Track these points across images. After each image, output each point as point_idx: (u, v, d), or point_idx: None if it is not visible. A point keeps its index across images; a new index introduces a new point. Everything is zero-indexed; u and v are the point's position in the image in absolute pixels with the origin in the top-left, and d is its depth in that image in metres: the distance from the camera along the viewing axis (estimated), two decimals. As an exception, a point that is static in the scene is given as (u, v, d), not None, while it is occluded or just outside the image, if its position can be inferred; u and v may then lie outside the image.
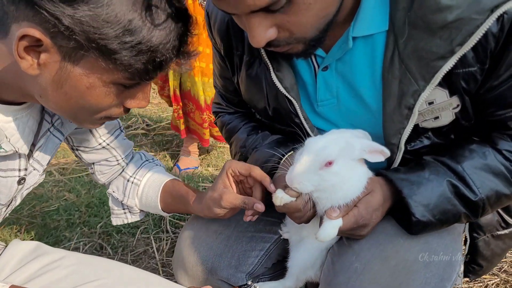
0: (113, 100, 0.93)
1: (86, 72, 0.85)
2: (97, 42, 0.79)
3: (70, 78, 0.86)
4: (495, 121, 1.06)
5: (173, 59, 0.89)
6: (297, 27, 0.93)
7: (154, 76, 0.90)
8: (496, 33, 0.92)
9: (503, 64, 0.96)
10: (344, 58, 1.09)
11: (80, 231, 2.37)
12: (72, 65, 0.84)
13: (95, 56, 0.82)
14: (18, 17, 0.80)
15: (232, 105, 1.44)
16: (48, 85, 0.87)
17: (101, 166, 1.36)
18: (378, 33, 1.03)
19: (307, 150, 1.01)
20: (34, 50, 0.82)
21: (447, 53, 0.95)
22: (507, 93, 1.00)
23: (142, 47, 0.82)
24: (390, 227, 1.12)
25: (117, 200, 1.42)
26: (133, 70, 0.85)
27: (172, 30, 0.86)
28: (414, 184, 1.06)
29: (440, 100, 1.03)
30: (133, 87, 0.92)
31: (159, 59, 0.86)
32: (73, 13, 0.76)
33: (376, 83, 1.07)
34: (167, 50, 0.86)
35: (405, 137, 1.07)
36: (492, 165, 1.06)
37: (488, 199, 1.06)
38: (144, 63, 0.85)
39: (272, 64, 1.13)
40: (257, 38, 0.93)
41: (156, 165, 1.44)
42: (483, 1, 0.90)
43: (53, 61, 0.83)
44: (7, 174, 1.02)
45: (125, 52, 0.81)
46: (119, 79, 0.87)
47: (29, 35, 0.78)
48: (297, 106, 1.16)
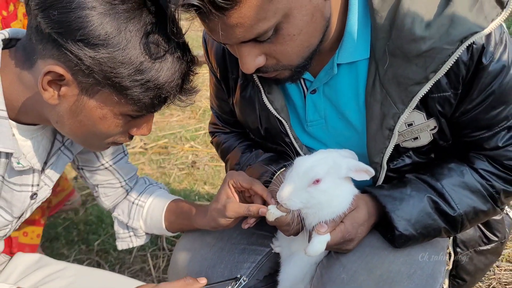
0: (121, 128, 1.05)
1: (100, 104, 0.98)
2: (112, 80, 0.92)
3: (85, 109, 0.98)
4: (471, 142, 1.14)
5: (176, 95, 1.02)
6: (283, 56, 1.02)
7: (158, 109, 1.03)
8: (467, 62, 1.01)
9: (475, 89, 1.05)
10: (330, 83, 1.17)
11: (78, 248, 2.41)
12: (88, 98, 0.96)
13: (109, 91, 0.95)
14: (45, 55, 0.93)
15: (228, 125, 1.52)
16: (65, 113, 0.99)
17: (105, 189, 1.44)
18: (361, 60, 1.11)
19: (296, 169, 1.08)
20: (56, 83, 0.94)
21: (422, 79, 1.03)
22: (480, 116, 1.09)
23: (150, 85, 0.95)
24: (375, 240, 1.18)
25: (122, 223, 1.49)
26: (141, 104, 0.98)
27: (177, 70, 0.98)
28: (397, 200, 1.13)
29: (418, 122, 1.11)
30: (139, 118, 1.05)
31: (164, 95, 0.98)
32: (94, 55, 0.89)
33: (360, 106, 1.15)
34: (171, 88, 0.98)
35: (387, 156, 1.15)
36: (469, 183, 1.14)
37: (466, 214, 1.14)
38: (151, 98, 0.97)
39: (263, 87, 1.22)
40: (247, 65, 1.02)
41: (160, 188, 1.52)
42: (453, 33, 0.99)
43: (72, 94, 0.96)
44: (22, 188, 1.12)
45: (135, 88, 0.94)
46: (128, 111, 1.00)
47: (53, 71, 0.91)
48: (287, 126, 1.24)
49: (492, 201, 1.16)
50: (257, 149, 1.41)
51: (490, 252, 1.37)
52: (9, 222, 1.16)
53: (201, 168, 3.27)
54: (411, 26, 1.00)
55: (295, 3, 0.94)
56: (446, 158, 1.19)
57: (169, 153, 3.50)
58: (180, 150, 3.53)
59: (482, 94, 1.05)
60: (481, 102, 1.07)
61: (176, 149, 3.55)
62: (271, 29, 0.95)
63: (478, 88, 1.05)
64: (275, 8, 0.91)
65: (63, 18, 0.88)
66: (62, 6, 0.88)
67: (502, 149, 1.12)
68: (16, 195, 1.12)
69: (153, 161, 3.39)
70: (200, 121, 3.98)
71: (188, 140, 3.67)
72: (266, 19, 0.92)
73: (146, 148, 3.56)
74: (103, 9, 0.89)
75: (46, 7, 0.89)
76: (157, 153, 3.50)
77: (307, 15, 0.97)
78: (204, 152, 3.48)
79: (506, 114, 1.09)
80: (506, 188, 1.15)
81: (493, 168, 1.15)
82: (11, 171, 1.06)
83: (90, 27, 0.88)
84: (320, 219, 1.09)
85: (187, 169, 3.27)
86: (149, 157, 3.43)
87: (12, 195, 1.11)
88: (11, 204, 1.13)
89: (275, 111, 1.23)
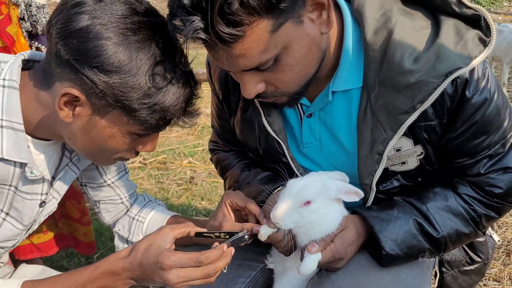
0: (128, 146, 1.14)
1: (110, 124, 1.07)
2: (123, 103, 1.02)
3: (97, 127, 1.07)
4: (455, 168, 1.22)
5: (180, 117, 1.11)
6: (281, 83, 1.11)
7: (163, 129, 1.12)
8: (451, 94, 1.09)
9: (459, 119, 1.12)
10: (325, 108, 1.25)
11: (77, 261, 2.46)
12: (100, 117, 1.06)
13: (119, 112, 1.04)
14: (62, 78, 1.03)
15: (228, 143, 1.59)
16: (78, 130, 1.08)
17: (106, 204, 1.51)
18: (354, 89, 1.19)
19: (289, 190, 1.15)
20: (71, 103, 1.03)
21: (409, 108, 1.11)
22: (464, 144, 1.16)
23: (157, 108, 1.05)
24: (364, 259, 1.24)
25: (122, 238, 1.55)
26: (147, 125, 1.07)
27: (181, 94, 1.08)
28: (384, 221, 1.20)
29: (406, 148, 1.18)
30: (145, 136, 1.14)
31: (169, 117, 1.08)
32: (107, 80, 0.99)
33: (352, 131, 1.23)
34: (176, 110, 1.08)
35: (376, 178, 1.22)
36: (453, 206, 1.21)
37: (449, 236, 1.21)
38: (157, 119, 1.07)
39: (263, 110, 1.30)
40: (248, 91, 1.10)
41: (158, 204, 1.59)
42: (439, 68, 1.07)
43: (85, 114, 1.05)
44: (32, 197, 1.21)
45: (143, 111, 1.04)
46: (135, 130, 1.09)
47: (70, 93, 1.01)
48: (285, 147, 1.32)
49: (474, 224, 1.22)
50: (255, 168, 1.48)
51: (474, 273, 1.43)
52: (20, 232, 1.23)
53: (199, 183, 3.32)
54: (401, 59, 1.08)
55: (294, 36, 1.02)
56: (432, 183, 1.26)
57: (167, 168, 3.56)
58: (178, 165, 3.60)
59: (466, 124, 1.13)
60: (464, 131, 1.14)
61: (174, 164, 3.61)
62: (271, 60, 1.04)
63: (461, 118, 1.12)
64: (276, 41, 1.00)
65: (81, 47, 0.98)
66: (80, 36, 0.98)
67: (484, 176, 1.19)
68: (27, 204, 1.20)
69: (152, 176, 3.45)
70: (198, 138, 4.05)
71: (187, 156, 3.73)
72: (267, 51, 1.01)
73: (145, 163, 3.62)
74: (117, 40, 0.99)
75: (66, 36, 0.99)
76: (156, 168, 3.56)
77: (305, 47, 1.05)
78: (202, 168, 3.54)
79: (488, 143, 1.16)
80: (487, 212, 1.22)
81: (475, 193, 1.21)
82: (24, 180, 1.15)
83: (105, 55, 0.98)
84: (311, 238, 1.15)
85: (185, 185, 3.32)
86: (148, 172, 3.48)
87: (23, 204, 1.19)
88: (22, 213, 1.20)
89: (274, 132, 1.30)
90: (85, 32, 0.98)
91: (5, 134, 1.05)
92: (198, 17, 0.93)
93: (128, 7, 1.03)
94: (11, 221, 1.20)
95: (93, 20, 0.99)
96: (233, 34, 0.95)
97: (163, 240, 1.08)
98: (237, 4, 0.91)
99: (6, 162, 1.08)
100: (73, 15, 0.99)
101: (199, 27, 0.94)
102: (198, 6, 0.93)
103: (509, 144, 1.18)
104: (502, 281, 2.21)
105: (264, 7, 0.93)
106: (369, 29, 1.12)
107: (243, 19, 0.93)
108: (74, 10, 1.00)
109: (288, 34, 1.01)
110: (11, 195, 1.15)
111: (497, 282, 2.21)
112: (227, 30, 0.94)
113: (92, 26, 0.98)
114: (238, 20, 0.93)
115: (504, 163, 1.19)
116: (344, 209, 1.22)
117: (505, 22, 8.06)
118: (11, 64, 1.08)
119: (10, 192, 1.14)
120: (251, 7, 0.92)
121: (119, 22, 1.00)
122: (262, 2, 0.93)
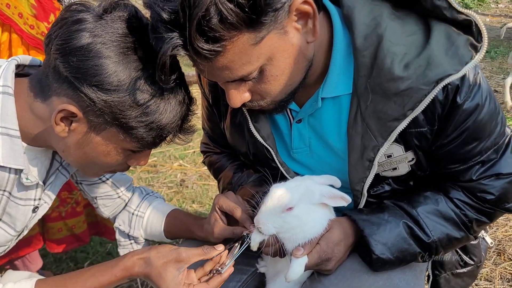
0: (122, 161, 1.14)
1: (106, 141, 1.07)
2: (120, 121, 1.02)
3: (92, 143, 1.07)
4: (447, 173, 1.21)
5: (176, 134, 1.12)
6: (267, 93, 1.10)
7: (158, 146, 1.13)
8: (442, 100, 1.08)
9: (450, 125, 1.11)
10: (315, 114, 1.25)
11: (66, 266, 2.43)
12: (95, 134, 1.06)
13: (116, 130, 1.04)
14: (60, 93, 1.02)
15: (219, 145, 1.59)
16: (72, 145, 1.08)
17: (104, 200, 1.52)
18: (344, 95, 1.18)
19: (271, 196, 1.15)
20: (68, 118, 1.03)
21: (400, 115, 1.10)
22: (456, 150, 1.16)
23: (154, 126, 1.05)
24: (356, 264, 1.24)
25: (123, 233, 1.58)
26: (143, 142, 1.08)
27: (178, 112, 1.08)
28: (374, 225, 1.19)
29: (397, 154, 1.18)
30: (139, 152, 1.15)
31: (165, 134, 1.09)
32: (106, 99, 0.99)
33: (342, 137, 1.22)
34: (172, 128, 1.09)
35: (367, 185, 1.21)
36: (443, 211, 1.21)
37: (440, 241, 1.21)
38: (153, 137, 1.07)
39: (250, 116, 1.28)
40: (233, 100, 1.10)
41: (156, 197, 1.61)
42: (429, 75, 1.05)
43: (81, 130, 1.05)
44: (26, 203, 1.20)
45: (140, 128, 1.04)
46: (131, 147, 1.10)
47: (67, 109, 1.01)
48: (273, 153, 1.31)
49: (465, 229, 1.22)
50: (248, 169, 1.47)
51: (466, 275, 1.43)
52: (12, 237, 1.22)
53: (189, 186, 3.31)
54: (391, 66, 1.06)
55: (278, 48, 1.00)
56: (423, 187, 1.25)
57: (158, 171, 3.53)
58: (169, 168, 3.57)
59: (457, 130, 1.12)
60: (456, 137, 1.13)
61: (165, 167, 3.59)
62: (256, 71, 1.02)
63: (453, 124, 1.11)
64: (258, 53, 0.98)
65: (81, 65, 0.97)
66: (81, 54, 0.97)
67: (476, 181, 1.19)
68: (21, 210, 1.19)
69: (142, 179, 3.42)
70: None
71: (177, 159, 3.71)
72: (250, 63, 1.00)
73: (135, 166, 3.59)
74: (118, 59, 0.99)
75: (66, 53, 0.98)
76: (146, 171, 3.53)
77: (290, 57, 1.04)
78: (193, 171, 3.52)
79: (480, 150, 1.15)
80: (478, 217, 1.22)
81: (467, 198, 1.21)
82: (19, 186, 1.14)
83: (105, 74, 0.98)
84: (296, 243, 1.15)
85: (175, 188, 3.31)
86: (138, 176, 3.46)
87: (17, 210, 1.18)
88: (14, 219, 1.19)
89: (262, 138, 1.29)
90: (85, 50, 0.97)
91: (1, 141, 1.04)
92: (177, 33, 0.91)
93: (129, 26, 1.02)
94: (4, 226, 1.19)
95: (94, 38, 0.98)
96: (213, 50, 0.93)
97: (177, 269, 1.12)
98: (216, 20, 0.89)
99: (1, 169, 1.07)
100: (74, 32, 0.98)
101: (178, 44, 0.92)
102: (177, 22, 0.91)
103: (502, 150, 1.18)
104: (494, 280, 2.22)
105: (243, 22, 0.91)
106: (358, 35, 1.10)
107: (222, 35, 0.91)
108: (75, 27, 0.99)
109: (272, 46, 0.99)
110: (4, 200, 1.14)
111: (488, 281, 2.22)
112: (206, 46, 0.92)
113: (93, 44, 0.98)
114: (217, 36, 0.91)
115: (496, 169, 1.18)
116: (331, 213, 1.22)
117: (493, 23, 8.13)
118: (4, 69, 1.06)
119: (3, 197, 1.13)
120: (230, 22, 0.90)
121: (120, 41, 1.00)
122: (241, 17, 0.90)
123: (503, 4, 10.28)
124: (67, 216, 2.01)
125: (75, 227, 2.04)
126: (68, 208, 2.00)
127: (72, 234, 2.04)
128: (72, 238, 2.05)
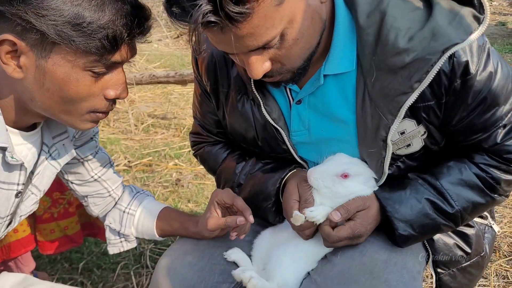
0: (90, 88, 1.07)
1: (56, 62, 1.02)
2: (57, 31, 0.97)
3: (46, 73, 1.02)
4: (470, 145, 1.22)
5: (125, 36, 1.04)
6: (287, 59, 1.10)
7: (112, 55, 1.05)
8: (448, 73, 1.09)
9: (467, 98, 1.13)
10: (316, 93, 1.25)
11: (61, 267, 2.42)
12: (44, 60, 1.01)
13: (61, 47, 0.99)
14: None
15: (212, 134, 1.58)
16: (33, 85, 1.04)
17: (94, 198, 1.51)
18: (346, 72, 1.19)
19: (335, 159, 1.24)
20: (13, 56, 1.00)
21: (407, 88, 1.10)
22: (476, 121, 1.17)
23: (93, 26, 0.99)
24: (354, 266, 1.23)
25: (114, 231, 1.56)
26: (92, 49, 1.00)
27: (119, 9, 1.02)
28: (396, 203, 1.23)
29: (410, 129, 1.19)
30: (104, 74, 1.08)
31: (111, 34, 1.01)
32: (33, 11, 0.95)
33: (351, 109, 1.23)
34: (117, 26, 1.01)
35: (387, 164, 1.23)
36: (467, 179, 1.23)
37: (464, 210, 1.23)
38: (99, 39, 1.00)
39: (261, 99, 1.30)
40: (256, 71, 1.09)
41: (147, 195, 1.60)
42: (435, 45, 1.06)
43: (31, 62, 1.01)
44: (9, 187, 1.16)
45: (79, 32, 0.98)
46: (86, 64, 1.03)
47: (5, 39, 0.97)
48: (284, 134, 1.33)
49: (492, 192, 1.23)
50: (250, 157, 1.47)
51: (472, 267, 1.41)
52: None
53: (185, 186, 3.30)
54: (395, 40, 1.08)
55: (298, 8, 1.02)
56: (447, 157, 1.27)
57: (153, 171, 3.52)
58: (164, 168, 3.56)
59: (475, 101, 1.13)
60: (474, 108, 1.14)
61: (160, 167, 3.58)
62: (278, 36, 1.03)
63: (470, 96, 1.12)
64: (281, 15, 1.00)
65: None
66: None
67: (500, 144, 1.19)
68: (4, 194, 1.16)
69: (137, 178, 3.41)
70: (184, 139, 4.02)
71: (172, 158, 3.70)
72: (273, 27, 1.00)
73: (130, 166, 3.58)
74: None
75: None
76: (141, 171, 3.52)
77: (308, 18, 1.05)
78: (188, 170, 3.51)
79: (500, 114, 1.16)
80: (506, 178, 1.22)
81: (493, 160, 1.21)
82: (2, 165, 1.11)
83: None
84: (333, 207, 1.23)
85: (171, 187, 3.30)
86: (133, 175, 3.45)
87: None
88: None
89: (273, 121, 1.31)
90: None
91: None
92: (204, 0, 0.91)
93: None
94: None
95: None
96: (242, 12, 0.93)
97: None
98: None
99: None
100: None
101: (208, 10, 0.92)
102: None
103: None
104: (489, 277, 2.22)
105: None
106: (361, 13, 1.12)
107: None
108: None
109: (292, 7, 1.01)
110: None
111: (483, 278, 2.23)
112: (237, 9, 0.92)
113: None
114: None
115: None
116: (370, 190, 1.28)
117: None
118: None
119: None
120: None
121: None
122: None
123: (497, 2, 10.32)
124: (59, 217, 1.98)
125: (68, 228, 2.02)
126: (60, 209, 1.98)
127: (65, 235, 2.02)
128: (65, 239, 2.03)
